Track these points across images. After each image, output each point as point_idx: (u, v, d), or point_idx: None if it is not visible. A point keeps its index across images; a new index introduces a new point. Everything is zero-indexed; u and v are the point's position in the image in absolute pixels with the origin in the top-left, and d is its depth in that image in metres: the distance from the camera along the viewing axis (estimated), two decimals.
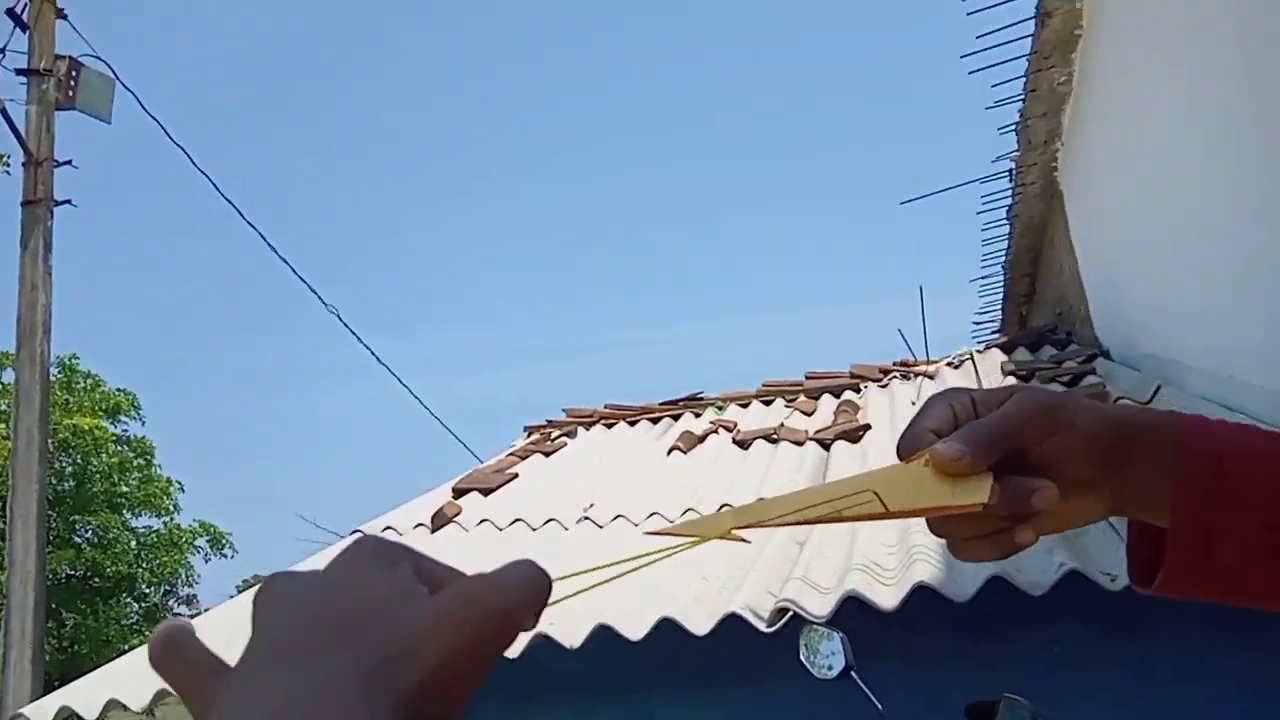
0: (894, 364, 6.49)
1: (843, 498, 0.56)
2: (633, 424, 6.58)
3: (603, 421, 6.69)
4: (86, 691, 3.34)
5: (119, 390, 14.45)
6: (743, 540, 0.58)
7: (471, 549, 4.48)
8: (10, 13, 7.36)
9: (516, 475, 5.56)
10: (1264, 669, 2.85)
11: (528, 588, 0.38)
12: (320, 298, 7.44)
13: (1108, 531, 3.07)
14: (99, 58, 7.25)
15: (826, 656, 2.87)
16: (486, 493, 5.24)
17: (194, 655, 0.38)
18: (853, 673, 2.68)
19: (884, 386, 6.19)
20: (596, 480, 5.15)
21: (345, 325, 7.28)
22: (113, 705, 3.27)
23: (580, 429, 6.63)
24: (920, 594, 2.94)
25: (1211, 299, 3.97)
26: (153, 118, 7.31)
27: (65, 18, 7.30)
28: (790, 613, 2.95)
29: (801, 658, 2.83)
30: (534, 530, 4.59)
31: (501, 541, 4.55)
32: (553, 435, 6.56)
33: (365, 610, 0.36)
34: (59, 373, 13.59)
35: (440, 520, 4.81)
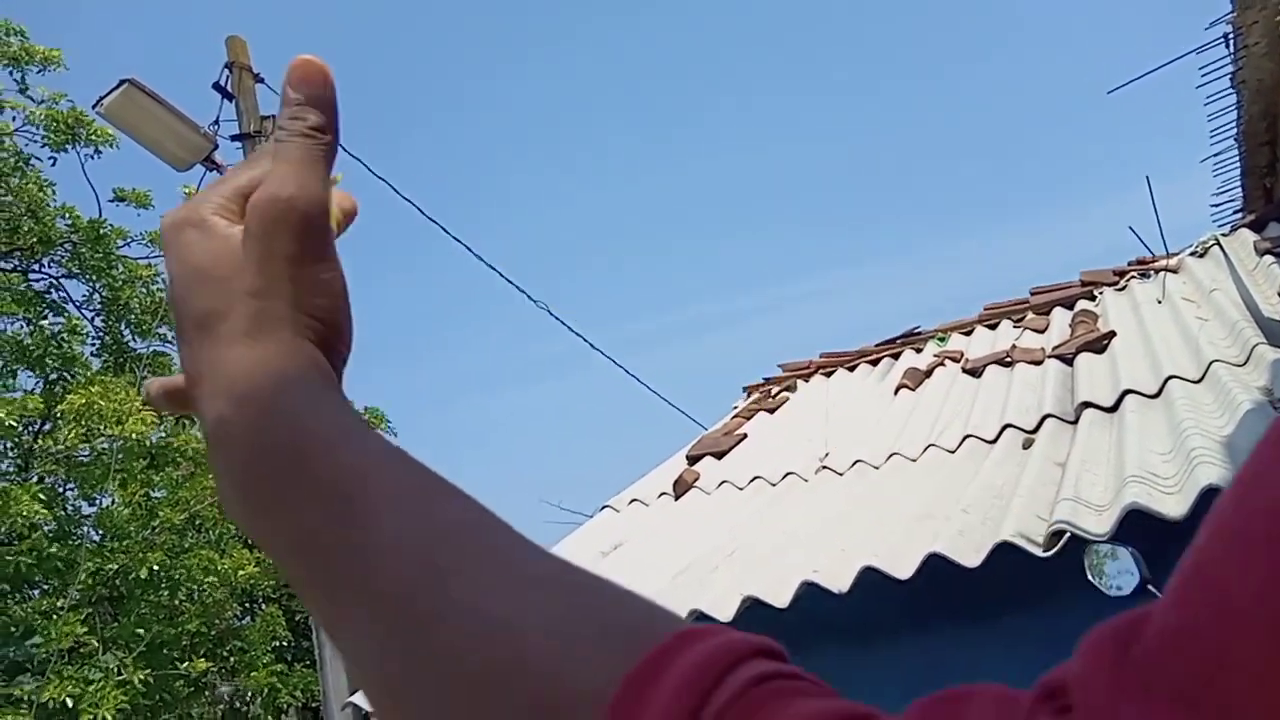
0: (1129, 264, 6.02)
1: None
2: (851, 369, 6.46)
3: (820, 371, 6.61)
4: None
5: (368, 408, 15.73)
6: None
7: (716, 511, 4.55)
8: (217, 86, 8.07)
9: (745, 435, 5.60)
10: None
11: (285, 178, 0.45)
12: (529, 295, 7.74)
13: None
14: None
15: (1115, 575, 2.73)
16: (720, 455, 5.31)
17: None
18: (1150, 587, 2.53)
19: (1121, 290, 5.75)
20: (827, 429, 5.10)
21: (556, 318, 7.55)
22: None
23: (799, 382, 6.58)
24: (1210, 497, 2.73)
25: None
26: (354, 157, 7.84)
27: (263, 81, 7.95)
28: (1067, 534, 2.82)
29: (1090, 579, 2.70)
30: (773, 485, 4.61)
31: (744, 500, 4.59)
32: (773, 392, 6.55)
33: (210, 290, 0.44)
34: None
35: (681, 487, 4.92)
